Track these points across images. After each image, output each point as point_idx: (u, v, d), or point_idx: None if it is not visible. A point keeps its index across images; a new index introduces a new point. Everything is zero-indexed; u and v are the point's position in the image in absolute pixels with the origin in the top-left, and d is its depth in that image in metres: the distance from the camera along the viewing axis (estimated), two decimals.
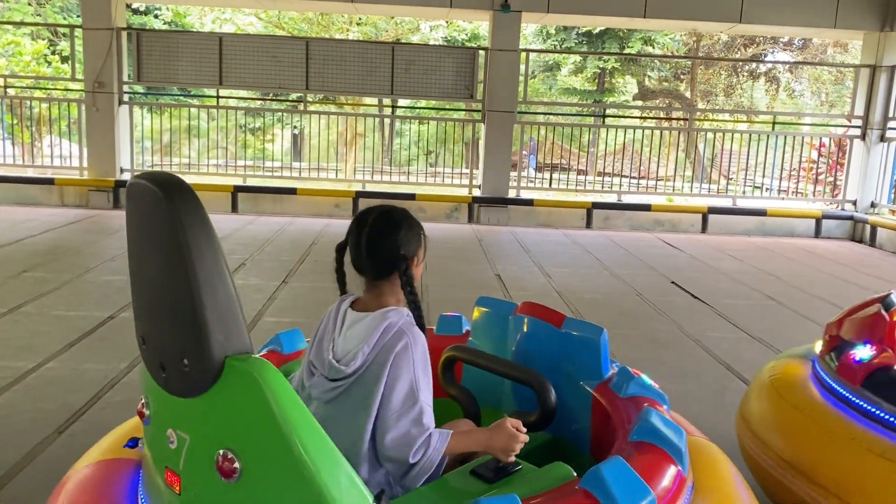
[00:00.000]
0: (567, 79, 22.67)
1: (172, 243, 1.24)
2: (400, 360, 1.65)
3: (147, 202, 1.28)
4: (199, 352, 1.27)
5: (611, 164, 12.92)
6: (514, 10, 9.30)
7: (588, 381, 2.04)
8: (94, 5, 9.13)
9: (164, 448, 1.40)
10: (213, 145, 11.08)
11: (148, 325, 1.40)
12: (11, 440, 2.93)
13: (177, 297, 1.27)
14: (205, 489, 1.33)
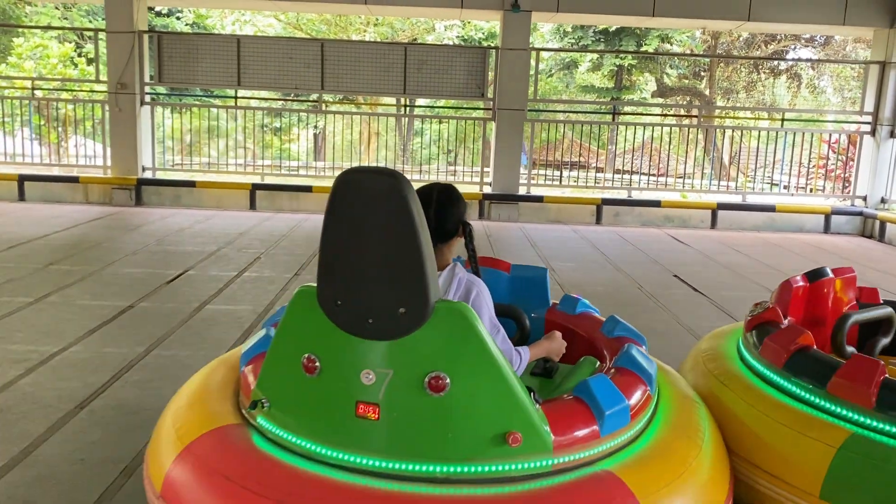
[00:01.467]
0: (585, 76, 22.74)
1: (405, 218, 1.62)
2: (479, 303, 2.10)
3: (383, 187, 1.63)
4: (419, 299, 1.66)
5: (628, 161, 13.06)
6: (524, 9, 9.47)
7: (538, 310, 2.68)
8: (117, 9, 9.45)
9: (353, 387, 1.72)
10: (235, 145, 11.39)
11: (352, 289, 1.72)
12: (37, 413, 3.19)
13: (402, 259, 1.65)
14: (410, 407, 1.69)
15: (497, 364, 1.68)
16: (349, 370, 1.73)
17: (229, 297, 5.29)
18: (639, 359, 2.12)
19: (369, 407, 1.71)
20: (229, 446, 1.84)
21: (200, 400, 2.12)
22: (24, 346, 4.04)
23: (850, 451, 1.94)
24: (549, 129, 13.00)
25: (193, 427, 1.95)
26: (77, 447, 2.90)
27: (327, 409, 1.78)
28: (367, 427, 1.72)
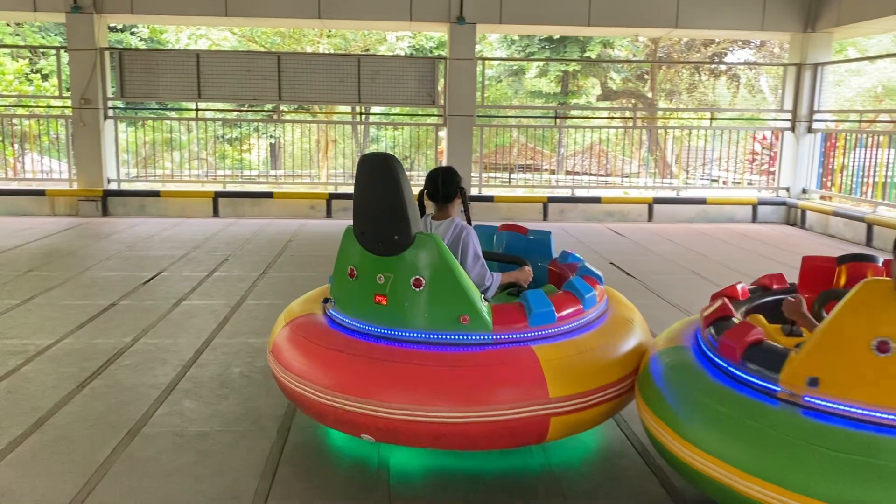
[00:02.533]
0: (533, 82, 23.53)
1: (392, 179, 2.71)
2: (466, 240, 3.17)
3: (378, 161, 2.80)
4: (406, 231, 2.73)
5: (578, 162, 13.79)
6: (468, 22, 10.09)
7: (544, 261, 3.71)
8: (78, 28, 9.79)
9: (373, 285, 2.81)
10: (190, 156, 11.77)
11: (369, 224, 2.83)
12: (43, 393, 3.65)
13: (394, 206, 2.71)
14: (403, 297, 2.76)
15: (454, 272, 2.74)
16: (370, 275, 2.83)
17: (203, 293, 5.77)
18: (577, 286, 3.01)
19: (382, 297, 2.80)
20: (309, 322, 3.07)
21: (298, 303, 3.41)
22: (19, 340, 4.48)
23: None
24: (501, 134, 13.66)
25: (293, 314, 3.20)
26: (84, 417, 3.39)
27: (360, 300, 2.89)
28: (381, 310, 2.82)
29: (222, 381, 3.86)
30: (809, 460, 1.97)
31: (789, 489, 1.97)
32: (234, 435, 3.20)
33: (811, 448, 1.98)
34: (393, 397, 2.60)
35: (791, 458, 2.00)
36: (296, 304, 3.38)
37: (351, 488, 2.77)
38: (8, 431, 3.19)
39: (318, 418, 2.89)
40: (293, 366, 2.89)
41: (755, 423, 2.12)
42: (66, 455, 2.98)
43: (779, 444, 2.04)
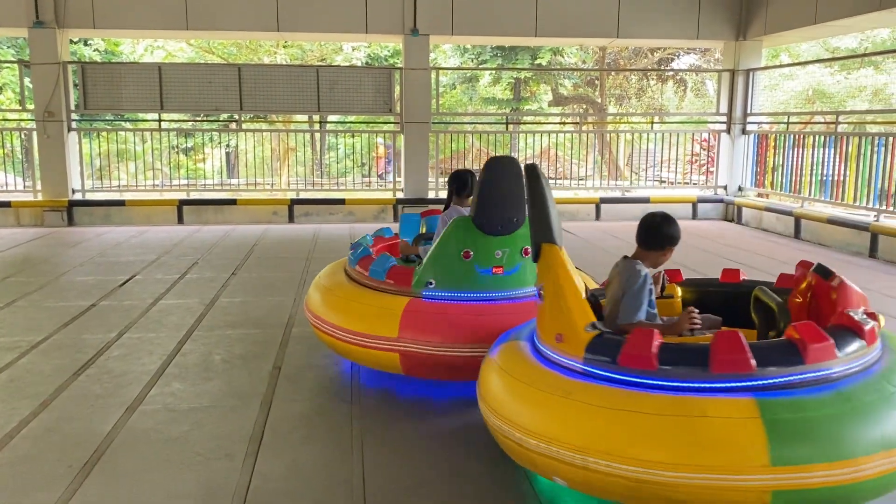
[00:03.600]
0: (487, 89, 24.17)
1: (516, 173, 3.60)
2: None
3: (507, 161, 3.66)
4: (521, 214, 3.58)
5: None
6: (422, 33, 10.59)
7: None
8: (42, 43, 10.02)
9: (492, 260, 3.62)
10: (148, 167, 12.04)
11: (493, 213, 3.58)
12: (42, 380, 4.02)
13: (515, 195, 3.56)
14: (515, 264, 3.63)
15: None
16: (490, 252, 3.63)
17: (178, 293, 6.13)
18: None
19: (499, 268, 3.64)
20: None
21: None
22: (10, 338, 4.81)
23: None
24: (456, 140, 14.15)
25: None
26: (84, 398, 3.77)
27: (473, 275, 3.66)
28: (499, 279, 3.65)
29: (206, 366, 4.27)
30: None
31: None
32: (221, 409, 3.62)
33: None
34: None
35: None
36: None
37: (330, 449, 3.22)
38: (17, 411, 3.56)
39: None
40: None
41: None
42: (74, 428, 3.36)
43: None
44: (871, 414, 2.20)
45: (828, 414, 2.17)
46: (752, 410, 2.16)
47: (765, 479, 2.10)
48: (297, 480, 2.88)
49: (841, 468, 2.10)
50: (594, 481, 2.27)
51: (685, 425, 2.17)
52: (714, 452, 2.12)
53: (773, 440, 2.09)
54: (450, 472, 2.97)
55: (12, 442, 3.21)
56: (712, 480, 2.12)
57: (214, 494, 2.75)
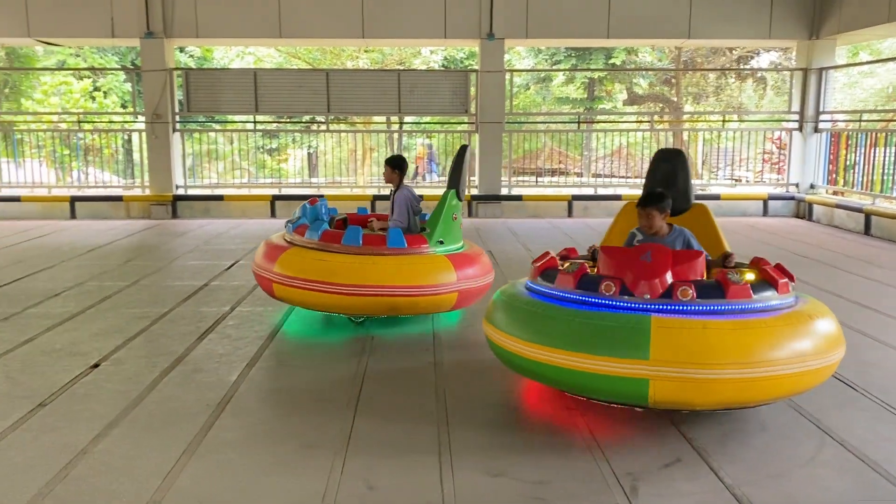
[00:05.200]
0: (560, 88, 24.49)
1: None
2: None
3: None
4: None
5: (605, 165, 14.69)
6: (497, 37, 11.13)
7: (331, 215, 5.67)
8: (152, 51, 11.04)
9: (459, 220, 5.18)
10: (234, 167, 12.99)
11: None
12: (174, 342, 4.75)
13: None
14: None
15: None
16: (459, 214, 5.18)
17: None
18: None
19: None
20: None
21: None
22: (140, 309, 5.59)
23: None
24: (530, 139, 14.63)
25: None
26: (211, 356, 4.48)
27: (457, 232, 5.13)
28: (461, 230, 5.24)
29: (309, 333, 4.93)
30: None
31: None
32: (322, 367, 4.26)
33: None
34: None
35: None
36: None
37: (414, 398, 3.80)
38: (157, 365, 4.28)
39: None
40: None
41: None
42: (207, 377, 4.05)
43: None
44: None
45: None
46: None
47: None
48: (392, 424, 3.48)
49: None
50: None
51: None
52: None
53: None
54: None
55: (158, 387, 3.92)
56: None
57: (322, 433, 3.37)
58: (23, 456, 3.06)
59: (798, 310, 3.31)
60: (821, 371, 3.22)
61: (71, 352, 4.50)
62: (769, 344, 3.05)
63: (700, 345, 3.01)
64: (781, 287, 3.38)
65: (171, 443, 3.19)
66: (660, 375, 3.02)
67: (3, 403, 3.64)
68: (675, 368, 3.00)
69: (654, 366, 3.02)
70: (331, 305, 4.86)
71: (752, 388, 3.07)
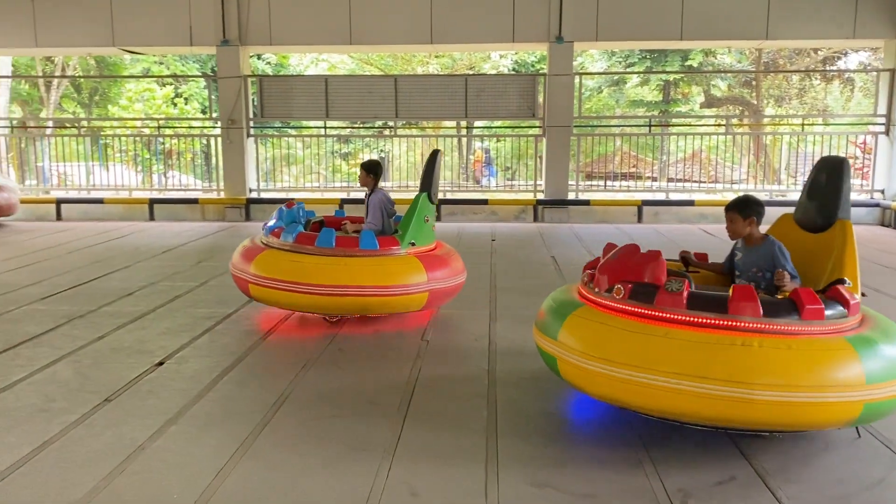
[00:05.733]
0: (634, 91, 24.05)
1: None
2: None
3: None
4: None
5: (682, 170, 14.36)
6: (566, 40, 11.01)
7: (309, 217, 5.96)
8: (227, 58, 11.41)
9: (432, 222, 5.34)
10: (308, 171, 13.27)
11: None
12: (237, 341, 4.87)
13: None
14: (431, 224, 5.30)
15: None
16: (431, 216, 5.39)
17: None
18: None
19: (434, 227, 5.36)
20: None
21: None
22: (206, 309, 5.76)
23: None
24: (603, 143, 14.41)
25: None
26: (269, 355, 4.57)
27: (429, 233, 5.34)
28: (433, 232, 5.39)
29: (363, 338, 4.98)
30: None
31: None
32: (385, 360, 4.29)
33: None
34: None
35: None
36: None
37: (466, 387, 3.78)
38: (219, 364, 4.40)
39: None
40: None
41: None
42: (266, 376, 4.14)
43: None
44: None
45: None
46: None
47: None
48: (441, 431, 3.46)
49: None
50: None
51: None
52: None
53: None
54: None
55: (217, 386, 4.03)
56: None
57: (370, 436, 3.39)
58: (86, 449, 3.19)
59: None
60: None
61: (138, 349, 4.68)
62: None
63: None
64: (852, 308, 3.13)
65: (225, 441, 3.26)
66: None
67: (73, 398, 3.81)
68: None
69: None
70: (304, 305, 5.06)
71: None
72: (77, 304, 5.88)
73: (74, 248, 8.74)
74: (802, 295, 3.02)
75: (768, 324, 2.97)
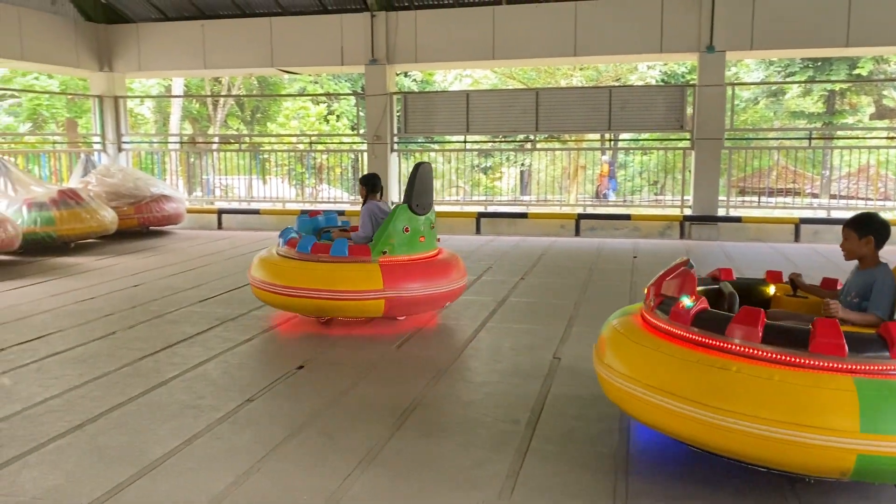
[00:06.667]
0: (795, 102, 22.57)
1: (430, 183, 5.63)
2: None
3: (425, 170, 5.59)
4: (431, 201, 5.57)
5: (849, 185, 13.29)
6: (718, 50, 10.51)
7: (334, 227, 6.51)
8: (375, 77, 11.84)
9: (419, 232, 5.47)
10: (450, 184, 13.46)
11: (420, 201, 5.44)
12: (379, 346, 4.98)
13: (429, 191, 5.57)
14: (429, 233, 5.59)
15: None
16: (418, 226, 5.45)
17: (475, 291, 6.97)
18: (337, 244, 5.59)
19: (422, 237, 5.49)
20: (393, 266, 5.38)
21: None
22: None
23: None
24: (758, 157, 13.62)
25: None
26: (402, 366, 4.63)
27: (411, 243, 5.45)
28: (423, 243, 5.52)
29: (495, 350, 4.94)
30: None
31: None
32: (507, 385, 4.23)
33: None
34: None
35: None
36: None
37: (597, 425, 3.64)
38: (366, 360, 4.51)
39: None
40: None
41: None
42: (394, 389, 4.20)
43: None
44: None
45: None
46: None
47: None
48: (569, 445, 3.35)
49: None
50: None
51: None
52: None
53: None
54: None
55: (352, 391, 4.13)
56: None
57: (500, 449, 3.34)
58: (227, 445, 3.36)
59: None
60: None
61: (281, 353, 4.90)
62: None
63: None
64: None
65: (354, 448, 3.32)
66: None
67: (220, 395, 4.04)
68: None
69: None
70: (278, 304, 5.59)
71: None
72: (230, 307, 6.26)
73: (232, 256, 9.34)
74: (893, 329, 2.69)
75: (772, 351, 2.77)
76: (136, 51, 12.78)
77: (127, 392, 4.09)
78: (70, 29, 12.18)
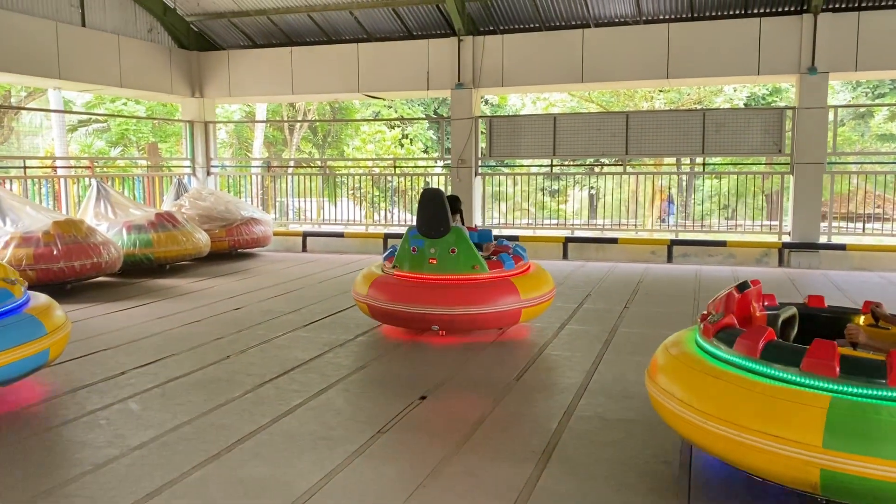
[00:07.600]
0: (883, 125, 21.69)
1: (441, 205, 5.99)
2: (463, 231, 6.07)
3: (433, 193, 5.98)
4: (446, 226, 5.82)
5: None
6: (820, 71, 10.10)
7: (488, 243, 6.59)
8: (460, 101, 11.80)
9: (428, 254, 5.85)
10: (516, 207, 13.31)
11: (427, 224, 5.88)
12: (499, 372, 4.82)
13: (440, 216, 5.91)
14: (445, 258, 5.81)
15: (470, 245, 5.82)
16: (427, 249, 5.85)
17: (580, 320, 6.76)
18: (518, 250, 6.30)
19: (433, 259, 5.81)
20: (382, 280, 6.00)
21: (366, 273, 6.31)
22: (462, 339, 5.81)
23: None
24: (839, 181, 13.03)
25: (370, 279, 6.13)
26: (528, 396, 4.45)
27: (419, 263, 5.89)
28: (433, 265, 5.83)
29: (623, 384, 4.71)
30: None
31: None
32: (647, 422, 4.00)
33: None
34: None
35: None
36: (364, 273, 6.33)
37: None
38: (505, 376, 4.35)
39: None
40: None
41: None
42: (525, 424, 4.02)
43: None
44: None
45: None
46: None
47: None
48: (737, 486, 3.11)
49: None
50: None
51: None
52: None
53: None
54: None
55: (486, 422, 3.97)
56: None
57: (658, 491, 3.12)
58: (368, 481, 3.24)
59: None
60: None
61: (398, 382, 4.78)
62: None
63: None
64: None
65: (501, 488, 3.16)
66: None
67: (349, 426, 3.93)
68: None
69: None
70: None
71: None
72: (335, 332, 6.20)
73: (323, 279, 9.35)
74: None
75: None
76: (226, 77, 13.08)
77: (256, 420, 4.02)
78: (165, 56, 12.55)
